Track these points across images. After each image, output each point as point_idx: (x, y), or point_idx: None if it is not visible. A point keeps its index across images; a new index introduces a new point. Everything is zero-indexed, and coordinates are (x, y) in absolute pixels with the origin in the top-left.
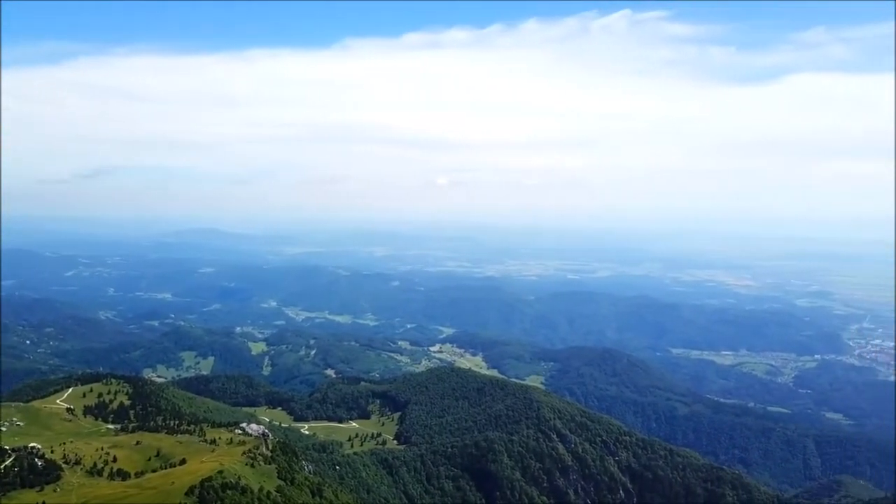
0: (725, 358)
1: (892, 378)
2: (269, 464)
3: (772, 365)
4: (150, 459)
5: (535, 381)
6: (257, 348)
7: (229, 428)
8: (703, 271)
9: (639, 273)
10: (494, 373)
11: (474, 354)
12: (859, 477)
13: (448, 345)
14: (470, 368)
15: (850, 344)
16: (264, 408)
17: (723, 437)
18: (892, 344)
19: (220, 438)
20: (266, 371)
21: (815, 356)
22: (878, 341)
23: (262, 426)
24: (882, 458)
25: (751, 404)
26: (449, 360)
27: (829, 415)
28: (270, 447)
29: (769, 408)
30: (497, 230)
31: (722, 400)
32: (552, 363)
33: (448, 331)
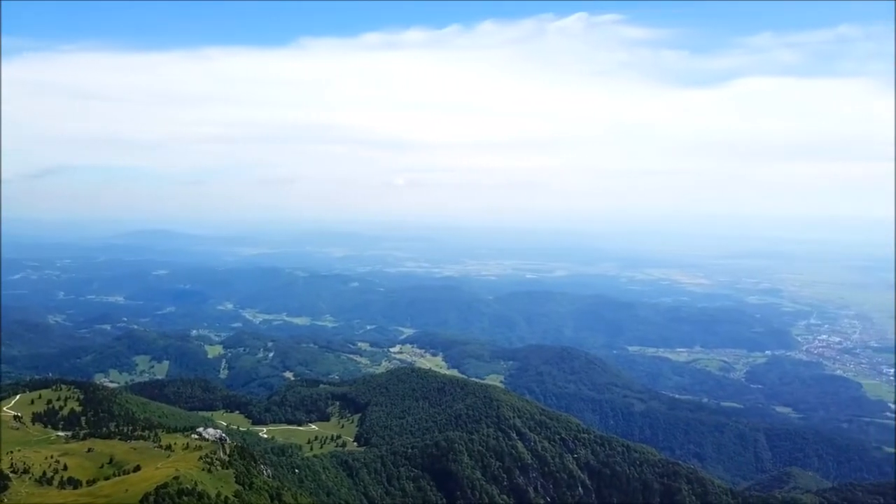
0: (680, 355)
1: (838, 372)
2: (227, 468)
3: (724, 361)
4: (102, 467)
5: (494, 380)
6: (214, 351)
7: (185, 433)
8: (658, 270)
9: (595, 272)
10: (455, 372)
11: (434, 354)
12: (807, 468)
13: (408, 345)
14: (430, 369)
15: (799, 340)
16: (221, 412)
17: (678, 433)
18: (838, 339)
19: (175, 444)
20: (223, 374)
21: (766, 352)
22: (824, 337)
23: (219, 430)
24: (828, 450)
25: (705, 400)
26: (409, 360)
27: (779, 409)
28: (228, 451)
29: (722, 403)
30: (456, 230)
31: (677, 396)
32: (511, 362)
33: (408, 331)
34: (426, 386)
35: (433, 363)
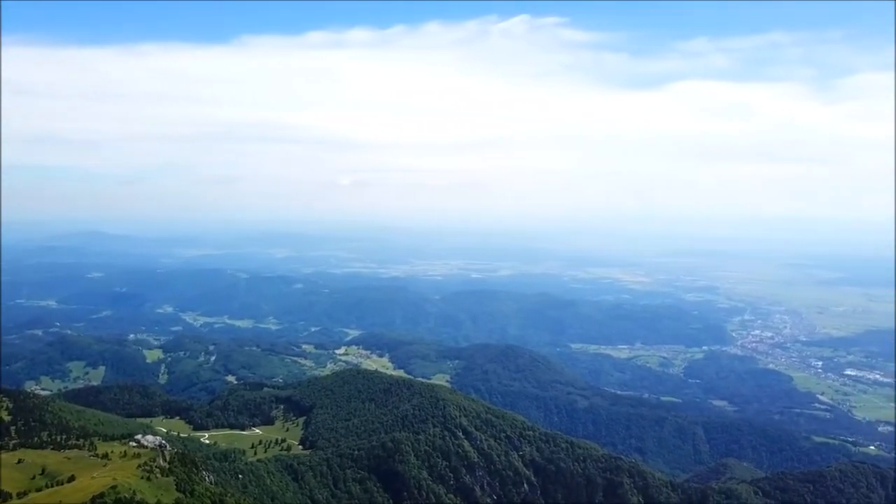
0: (621, 351)
1: (770, 366)
2: (167, 476)
3: (664, 357)
4: (34, 478)
5: (441, 380)
6: (152, 356)
7: (123, 441)
8: (600, 269)
9: (539, 271)
10: (401, 373)
11: (381, 355)
12: (742, 459)
13: (354, 347)
14: (376, 370)
15: (733, 335)
16: (161, 418)
17: (620, 428)
18: (770, 334)
19: (112, 452)
20: (162, 379)
21: (703, 347)
22: (757, 332)
23: (158, 437)
24: (762, 441)
25: (645, 395)
26: (355, 362)
27: (716, 402)
28: (168, 458)
29: (662, 398)
30: (402, 231)
31: (619, 392)
32: (457, 361)
33: (354, 333)
34: (372, 387)
35: (379, 364)
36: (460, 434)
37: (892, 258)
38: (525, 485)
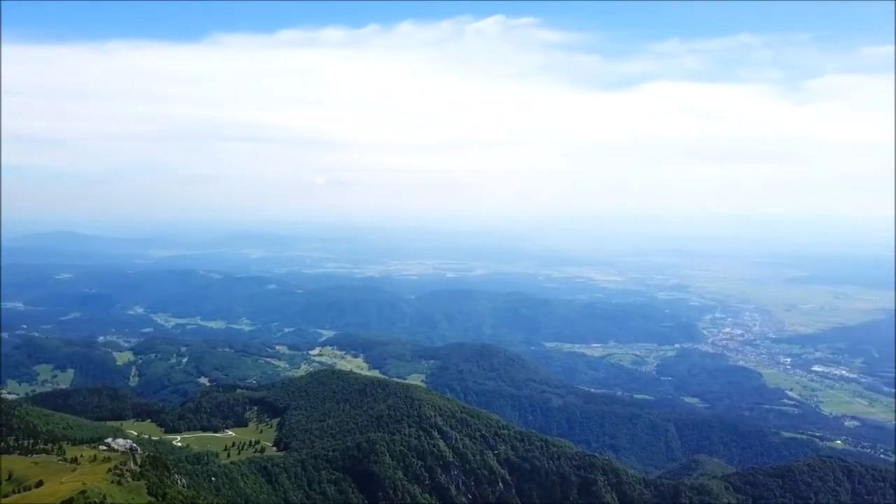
0: (595, 350)
1: (740, 363)
2: (138, 480)
3: (637, 355)
4: (0, 484)
5: (416, 380)
6: (123, 358)
7: (92, 444)
8: (574, 268)
9: (514, 271)
10: (376, 373)
11: (355, 356)
12: (713, 455)
13: (328, 347)
14: (351, 370)
15: (705, 333)
16: (132, 421)
17: (594, 426)
18: (740, 332)
19: (82, 456)
20: (133, 382)
21: (675, 345)
22: (727, 330)
23: (129, 440)
24: (732, 437)
25: (618, 393)
26: (329, 362)
27: (688, 399)
28: (139, 462)
29: (635, 395)
30: (377, 230)
31: (592, 390)
32: (432, 361)
33: (328, 333)
34: (347, 388)
35: (354, 365)
36: (435, 434)
37: (859, 256)
38: (500, 483)
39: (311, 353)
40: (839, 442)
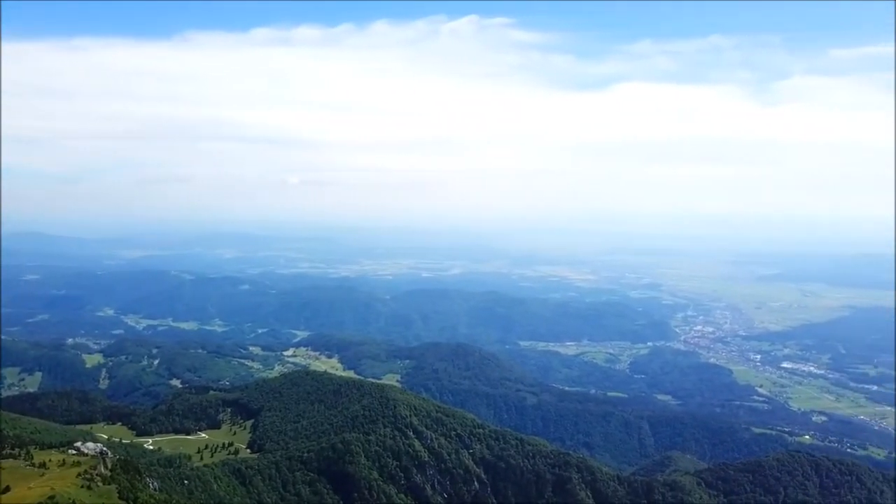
0: (569, 348)
1: (712, 360)
2: (109, 484)
3: (610, 353)
4: None
5: (391, 380)
6: (92, 361)
7: (61, 449)
8: (548, 267)
9: (489, 270)
10: (351, 374)
11: (330, 356)
12: (686, 451)
13: (302, 348)
14: (325, 371)
15: (677, 331)
16: (102, 424)
17: (568, 424)
18: (711, 329)
19: (50, 461)
20: (103, 385)
21: (648, 343)
22: (699, 327)
23: (99, 444)
24: (704, 433)
25: (592, 391)
26: (304, 363)
27: (660, 396)
28: (110, 466)
29: (609, 393)
30: (352, 230)
31: (567, 388)
32: (408, 360)
33: (302, 334)
34: (321, 388)
35: (329, 365)
36: (411, 433)
37: (825, 254)
38: (475, 482)
39: (285, 353)
40: (807, 437)
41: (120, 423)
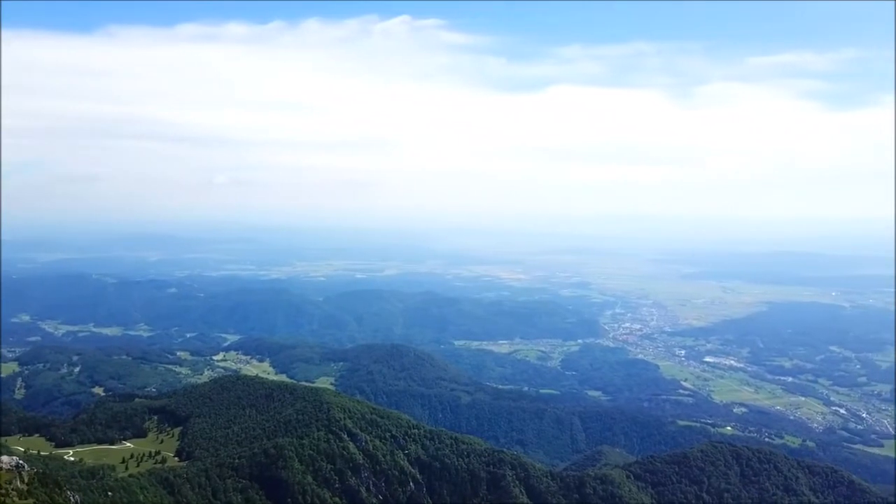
0: (502, 347)
1: (639, 356)
2: (25, 499)
3: (542, 351)
4: None
5: (325, 383)
6: (7, 369)
7: None
8: (481, 266)
9: (423, 270)
10: (283, 377)
11: (261, 360)
12: (616, 445)
13: (232, 352)
14: (257, 375)
15: (606, 328)
16: (18, 436)
17: (502, 422)
18: (639, 326)
19: None
20: (19, 395)
21: (578, 340)
22: (627, 325)
23: (14, 457)
24: (633, 427)
25: (525, 388)
26: (234, 368)
27: (591, 392)
28: (26, 480)
29: (541, 390)
30: (283, 231)
31: (500, 386)
32: (342, 363)
33: (232, 338)
34: (253, 393)
35: (260, 369)
36: (345, 436)
37: (742, 253)
38: (411, 483)
39: (214, 358)
40: (729, 428)
41: (37, 435)
